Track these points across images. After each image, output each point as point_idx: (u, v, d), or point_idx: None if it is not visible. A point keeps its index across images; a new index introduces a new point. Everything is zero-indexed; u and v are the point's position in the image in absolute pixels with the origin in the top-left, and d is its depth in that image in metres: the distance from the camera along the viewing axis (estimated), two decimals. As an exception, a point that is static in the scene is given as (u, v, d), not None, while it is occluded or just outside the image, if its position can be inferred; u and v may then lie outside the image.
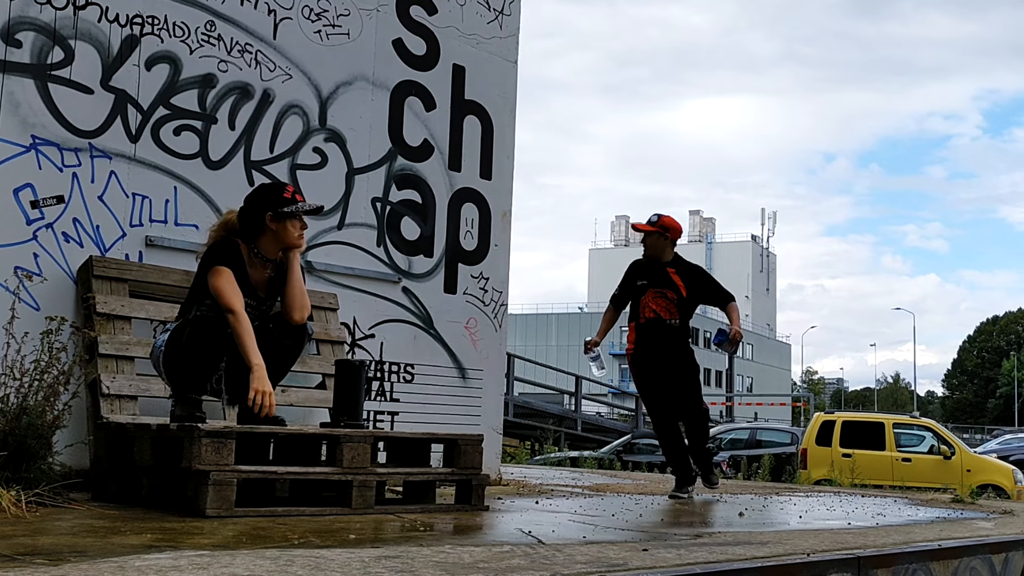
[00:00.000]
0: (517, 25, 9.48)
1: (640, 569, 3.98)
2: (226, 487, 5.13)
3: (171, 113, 7.02)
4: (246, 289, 5.90)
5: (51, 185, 6.44)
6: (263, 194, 6.08)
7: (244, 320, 5.72)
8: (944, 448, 20.28)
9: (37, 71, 6.40)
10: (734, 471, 21.35)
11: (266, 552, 3.94)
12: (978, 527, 6.93)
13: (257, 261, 6.02)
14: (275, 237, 6.00)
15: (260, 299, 6.05)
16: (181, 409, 5.78)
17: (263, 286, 6.07)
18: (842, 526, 6.50)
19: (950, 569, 5.49)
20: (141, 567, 3.39)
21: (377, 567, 3.65)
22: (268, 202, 5.99)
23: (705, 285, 8.87)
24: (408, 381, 8.38)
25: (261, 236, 5.99)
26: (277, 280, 6.11)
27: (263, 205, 5.98)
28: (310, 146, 7.82)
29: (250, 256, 5.99)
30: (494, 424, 9.04)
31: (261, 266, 6.03)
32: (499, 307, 9.15)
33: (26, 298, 6.11)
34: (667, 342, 8.60)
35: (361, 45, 8.15)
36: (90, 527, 4.53)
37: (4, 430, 5.30)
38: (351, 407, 6.15)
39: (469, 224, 8.92)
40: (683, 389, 8.64)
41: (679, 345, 8.66)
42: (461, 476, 6.30)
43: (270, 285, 6.10)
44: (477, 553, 4.19)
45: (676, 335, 8.64)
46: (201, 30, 7.17)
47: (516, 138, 9.39)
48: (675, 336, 8.63)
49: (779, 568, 4.39)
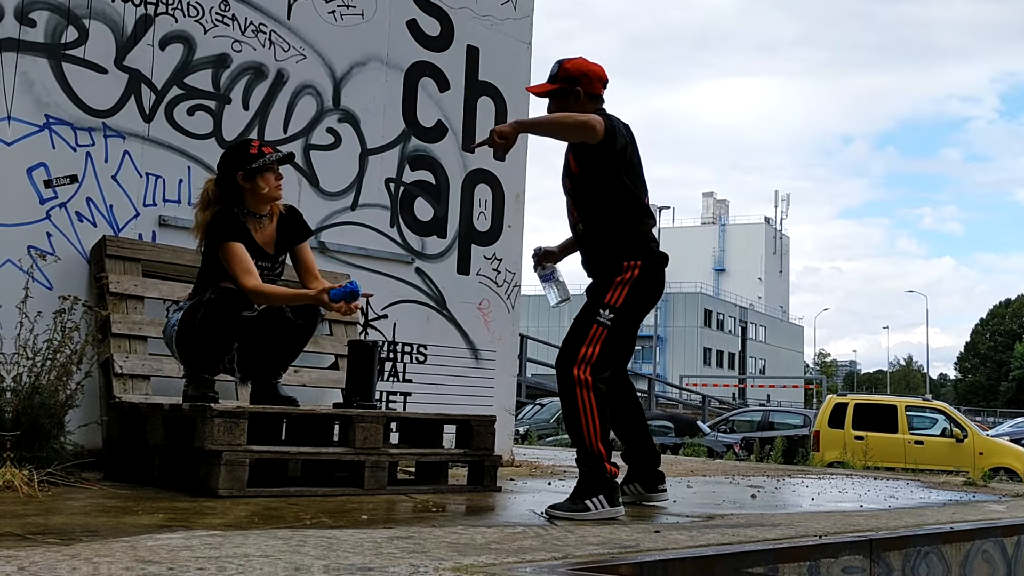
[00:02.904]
0: (531, 6, 9.44)
1: (652, 550, 3.98)
2: (238, 467, 5.14)
3: (185, 93, 7.01)
4: (256, 252, 5.91)
5: (65, 164, 6.44)
6: (230, 156, 6.08)
7: (267, 287, 5.77)
8: (956, 431, 20.24)
9: (51, 50, 6.40)
10: (747, 453, 21.35)
11: (278, 532, 3.94)
12: (990, 510, 6.92)
13: (253, 221, 6.02)
14: (253, 194, 5.99)
15: (271, 257, 6.06)
16: (194, 389, 5.79)
17: (270, 243, 6.07)
18: (854, 508, 6.50)
19: (962, 552, 5.48)
20: (153, 547, 3.40)
21: (389, 547, 3.65)
22: (236, 162, 5.97)
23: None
24: (421, 362, 8.38)
25: (243, 197, 5.98)
26: (281, 231, 6.12)
27: (233, 167, 5.97)
28: (324, 126, 7.81)
29: (245, 218, 6.00)
30: (507, 405, 9.04)
31: (258, 225, 6.03)
32: (512, 288, 9.14)
33: (39, 277, 6.12)
34: (584, 261, 5.84)
35: (375, 25, 8.13)
36: (102, 507, 4.54)
37: (17, 409, 5.31)
38: (364, 388, 6.16)
39: (482, 205, 8.91)
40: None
41: (591, 265, 5.75)
42: (473, 457, 6.31)
43: (277, 240, 6.11)
44: (489, 534, 4.20)
45: (586, 248, 5.80)
46: (215, 10, 7.16)
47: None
48: (585, 250, 5.81)
49: (791, 550, 4.38)
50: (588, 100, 5.66)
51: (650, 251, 5.60)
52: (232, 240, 5.78)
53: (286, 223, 6.13)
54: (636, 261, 5.51)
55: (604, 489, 5.24)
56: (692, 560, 3.92)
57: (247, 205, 5.98)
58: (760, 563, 4.18)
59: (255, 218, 6.01)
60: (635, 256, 5.52)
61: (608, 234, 5.57)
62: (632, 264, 5.49)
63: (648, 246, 5.61)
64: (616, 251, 5.53)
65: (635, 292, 5.50)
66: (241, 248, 5.77)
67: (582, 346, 5.38)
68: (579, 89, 5.65)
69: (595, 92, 5.71)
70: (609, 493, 5.25)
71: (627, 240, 5.54)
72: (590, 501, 5.19)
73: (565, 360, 5.39)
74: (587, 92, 5.67)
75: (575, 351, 5.38)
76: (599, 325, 5.40)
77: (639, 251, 5.55)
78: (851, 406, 20.95)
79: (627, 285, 5.46)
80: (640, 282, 5.50)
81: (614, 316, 5.42)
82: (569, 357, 5.38)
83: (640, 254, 5.54)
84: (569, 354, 5.39)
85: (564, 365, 5.39)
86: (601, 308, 5.43)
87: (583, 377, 5.31)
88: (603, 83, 5.78)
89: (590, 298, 5.54)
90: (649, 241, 5.65)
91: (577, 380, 5.30)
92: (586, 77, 5.68)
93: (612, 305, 5.43)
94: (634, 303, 5.52)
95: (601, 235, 5.60)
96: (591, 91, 5.69)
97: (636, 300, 5.53)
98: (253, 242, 5.93)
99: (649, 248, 5.61)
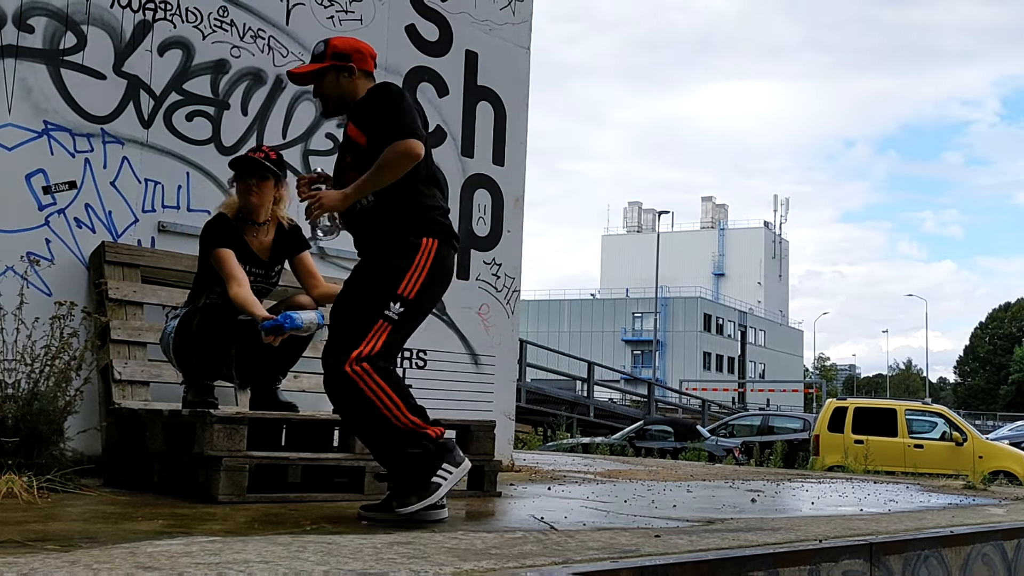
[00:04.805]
0: (530, 11, 9.46)
1: (652, 555, 3.97)
2: (238, 473, 5.14)
3: (184, 99, 7.01)
4: (248, 258, 5.94)
5: (63, 171, 6.44)
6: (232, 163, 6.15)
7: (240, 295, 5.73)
8: (956, 434, 20.25)
9: (49, 56, 6.40)
10: (746, 457, 21.36)
11: (278, 538, 3.94)
12: (990, 513, 6.91)
13: (249, 228, 6.06)
14: (241, 202, 6.06)
15: (265, 264, 6.08)
16: (193, 395, 5.79)
17: (264, 251, 6.10)
18: (854, 512, 6.49)
19: (962, 555, 5.47)
20: (152, 553, 3.40)
21: (389, 553, 3.65)
22: (233, 169, 6.09)
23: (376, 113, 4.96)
24: (420, 367, 8.38)
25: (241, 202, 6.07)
26: (278, 243, 6.14)
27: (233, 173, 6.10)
28: (322, 132, 7.82)
29: (243, 225, 6.04)
30: (506, 410, 9.03)
31: (255, 232, 6.06)
32: (511, 293, 9.14)
33: (37, 283, 6.13)
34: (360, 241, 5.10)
35: (374, 31, 8.13)
36: (101, 513, 4.54)
37: (16, 416, 5.31)
38: (363, 393, 6.14)
39: (482, 210, 8.91)
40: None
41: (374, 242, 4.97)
42: (473, 462, 6.30)
43: (272, 249, 6.13)
44: (489, 539, 4.19)
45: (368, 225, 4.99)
46: (214, 15, 7.16)
47: (530, 124, 9.38)
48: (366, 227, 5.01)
49: (791, 554, 4.38)
50: (362, 77, 5.11)
51: (445, 228, 4.97)
52: (220, 247, 5.83)
53: (284, 236, 6.16)
54: (432, 238, 4.87)
55: (443, 456, 4.69)
56: (692, 564, 3.92)
57: (246, 212, 6.01)
58: (760, 567, 4.18)
59: (252, 225, 6.03)
60: (430, 232, 4.88)
61: (399, 209, 4.89)
62: (429, 242, 4.85)
63: (442, 222, 4.97)
64: (407, 226, 4.87)
65: (432, 279, 4.86)
66: (228, 254, 5.81)
67: (361, 342, 4.65)
68: (352, 65, 5.07)
69: (368, 69, 5.15)
70: (449, 455, 4.70)
71: (420, 214, 4.90)
72: (436, 477, 4.64)
73: (335, 356, 4.67)
74: (360, 69, 5.11)
75: (350, 347, 4.64)
76: (385, 320, 4.72)
77: (433, 227, 4.91)
78: (851, 410, 20.95)
79: (423, 271, 4.80)
80: (437, 265, 4.85)
81: (404, 310, 4.76)
82: (341, 353, 4.65)
83: (435, 230, 4.90)
84: (342, 349, 4.66)
85: (335, 362, 4.66)
86: (392, 301, 4.74)
87: (360, 368, 4.60)
88: (375, 60, 5.25)
89: (374, 285, 4.81)
90: (442, 216, 5.01)
91: (355, 374, 4.59)
92: (358, 53, 5.13)
93: (405, 297, 4.76)
94: (429, 293, 4.90)
95: (390, 210, 4.90)
96: (364, 68, 5.13)
97: (432, 289, 4.91)
98: (248, 248, 5.96)
99: (444, 224, 4.97)
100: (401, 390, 4.70)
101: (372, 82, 5.12)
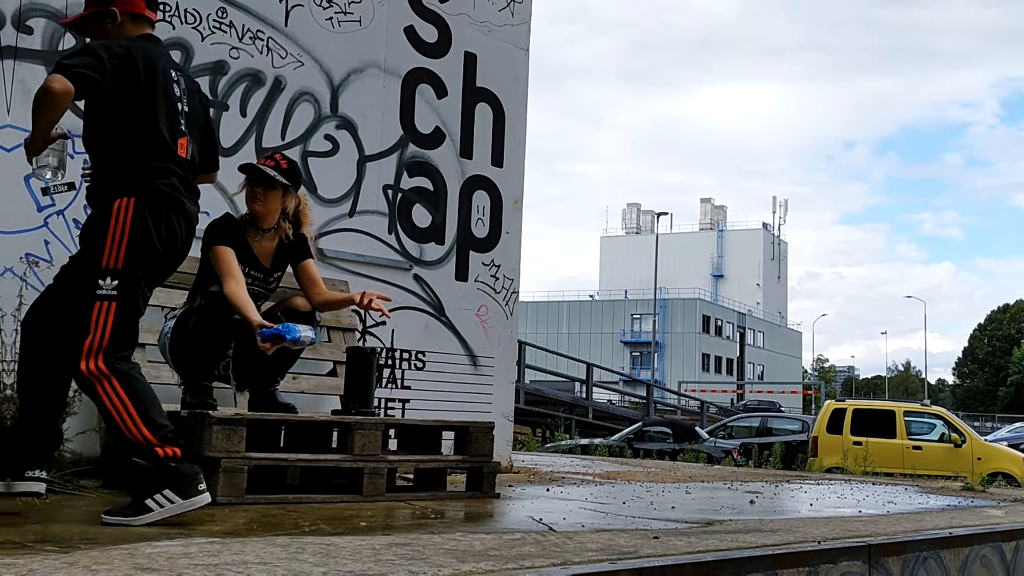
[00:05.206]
0: (529, 13, 9.45)
1: (651, 556, 3.97)
2: (237, 474, 5.14)
3: (182, 100, 7.00)
4: (250, 261, 5.94)
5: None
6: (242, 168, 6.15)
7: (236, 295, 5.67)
8: (955, 436, 20.26)
9: (48, 58, 6.39)
10: (745, 459, 21.36)
11: (277, 539, 3.94)
12: (989, 515, 6.91)
13: (254, 231, 6.06)
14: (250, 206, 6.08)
15: (265, 269, 6.08)
16: (192, 396, 5.79)
17: (267, 257, 6.10)
18: (853, 514, 6.49)
19: (961, 557, 5.48)
20: (151, 554, 3.40)
21: (388, 554, 3.65)
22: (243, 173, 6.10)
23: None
24: (419, 368, 8.38)
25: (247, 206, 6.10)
26: (281, 250, 6.13)
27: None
28: (321, 133, 7.81)
29: (248, 228, 6.05)
30: (505, 411, 9.03)
31: (258, 236, 6.06)
32: (510, 294, 9.14)
33: (36, 284, 6.11)
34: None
35: (373, 32, 8.13)
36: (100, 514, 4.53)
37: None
38: (362, 394, 6.15)
39: (480, 212, 8.91)
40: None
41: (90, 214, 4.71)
42: (472, 464, 6.31)
43: (275, 255, 6.13)
44: (488, 540, 4.19)
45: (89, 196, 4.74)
46: (212, 17, 7.16)
47: (529, 125, 9.38)
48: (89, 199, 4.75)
49: (790, 556, 4.38)
50: (130, 22, 4.71)
51: (148, 186, 4.54)
52: (220, 244, 5.83)
53: (288, 246, 6.15)
54: (127, 197, 4.48)
55: (167, 481, 4.36)
56: (691, 566, 3.92)
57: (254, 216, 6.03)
58: (759, 569, 4.18)
59: (257, 230, 6.03)
60: (125, 191, 4.49)
61: (102, 170, 4.58)
62: (124, 202, 4.47)
63: (146, 180, 4.54)
64: (106, 189, 4.53)
65: (136, 245, 4.47)
66: (228, 252, 5.81)
67: (87, 336, 4.38)
68: (114, 9, 4.65)
69: (136, 11, 4.71)
70: (176, 483, 4.36)
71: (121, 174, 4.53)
72: (151, 500, 4.31)
73: (73, 352, 4.42)
74: (125, 12, 4.68)
75: (80, 337, 4.39)
76: (102, 300, 4.42)
77: (131, 186, 4.51)
78: (849, 411, 20.97)
79: (123, 237, 4.44)
80: (138, 227, 4.46)
81: (119, 282, 4.44)
82: (75, 346, 4.41)
83: (132, 189, 4.50)
84: (75, 342, 4.41)
85: (74, 359, 4.41)
86: (100, 276, 4.43)
87: (96, 369, 4.36)
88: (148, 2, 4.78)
89: (82, 262, 4.55)
90: (154, 175, 4.58)
91: (91, 375, 4.36)
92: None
93: (113, 269, 4.43)
94: (142, 261, 4.52)
95: (97, 173, 4.61)
96: (131, 10, 4.69)
97: (144, 256, 4.53)
98: (250, 251, 5.96)
99: (147, 183, 4.54)
100: (139, 400, 4.42)
101: (146, 26, 4.76)
